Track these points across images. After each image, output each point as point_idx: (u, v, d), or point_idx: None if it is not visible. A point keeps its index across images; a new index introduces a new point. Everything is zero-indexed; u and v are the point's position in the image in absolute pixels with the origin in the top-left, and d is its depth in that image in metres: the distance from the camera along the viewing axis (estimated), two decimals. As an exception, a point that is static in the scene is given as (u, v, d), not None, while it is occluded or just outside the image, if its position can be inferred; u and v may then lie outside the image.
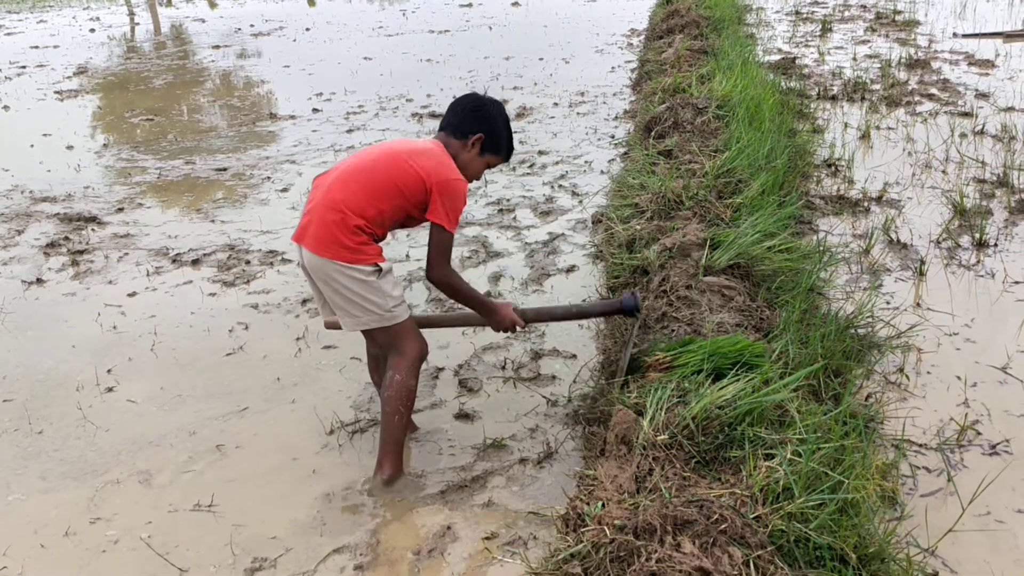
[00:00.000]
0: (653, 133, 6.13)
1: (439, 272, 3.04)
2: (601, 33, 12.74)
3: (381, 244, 3.09)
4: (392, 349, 3.13)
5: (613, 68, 10.28)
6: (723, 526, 2.34)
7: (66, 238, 5.65)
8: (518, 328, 3.27)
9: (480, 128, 3.10)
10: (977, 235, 4.90)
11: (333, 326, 3.36)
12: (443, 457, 3.32)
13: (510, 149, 3.23)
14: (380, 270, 2.99)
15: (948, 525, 2.74)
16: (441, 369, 3.92)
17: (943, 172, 5.99)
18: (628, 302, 3.41)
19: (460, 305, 3.41)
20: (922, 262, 4.63)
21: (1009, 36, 10.59)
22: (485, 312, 3.22)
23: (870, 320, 3.87)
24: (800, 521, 2.40)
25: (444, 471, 3.23)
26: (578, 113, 8.30)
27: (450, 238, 3.02)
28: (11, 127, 8.89)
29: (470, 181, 3.11)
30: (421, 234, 5.39)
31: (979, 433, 3.27)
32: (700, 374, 3.03)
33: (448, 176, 2.99)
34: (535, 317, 3.47)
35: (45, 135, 8.33)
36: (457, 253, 5.15)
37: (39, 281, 5.05)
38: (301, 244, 3.05)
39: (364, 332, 3.16)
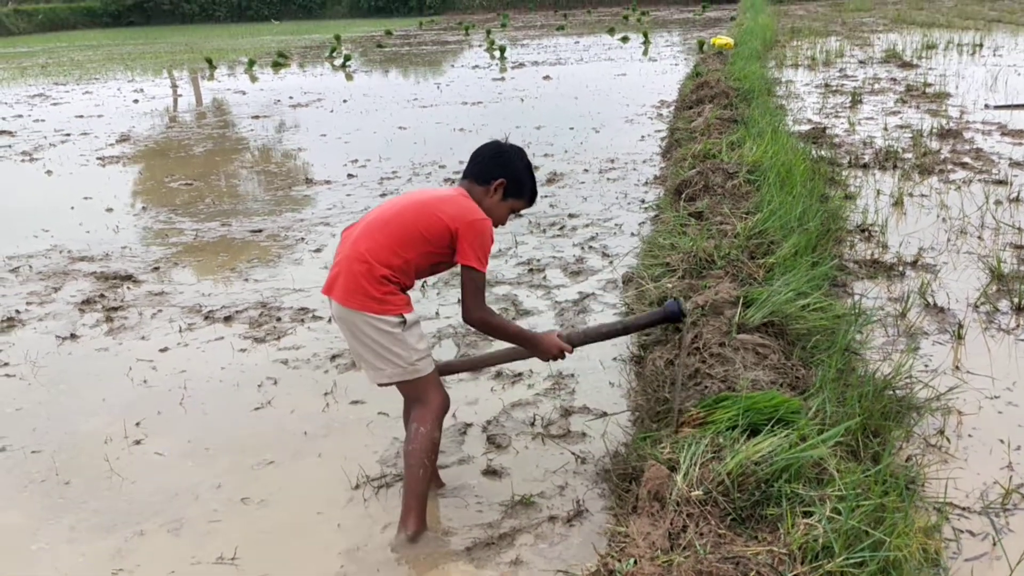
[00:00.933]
0: (684, 196, 6.14)
1: (476, 313, 3.03)
2: (631, 104, 12.91)
3: (410, 295, 3.09)
4: (416, 402, 3.11)
5: (643, 137, 10.38)
6: (760, 583, 2.26)
7: (101, 295, 5.73)
8: (567, 354, 3.22)
9: (501, 173, 3.13)
10: (1016, 300, 4.81)
11: None
12: (470, 513, 3.26)
13: (533, 193, 3.25)
14: (405, 321, 2.99)
15: (995, 590, 2.63)
16: (469, 425, 3.87)
17: (979, 238, 5.92)
18: (672, 308, 3.32)
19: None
20: (960, 326, 4.54)
21: (1042, 108, 10.58)
22: (529, 345, 3.20)
23: (908, 381, 3.79)
24: (840, 581, 2.31)
25: (471, 528, 3.17)
26: (608, 179, 8.36)
27: (482, 277, 3.02)
28: (53, 190, 9.11)
29: (495, 226, 3.12)
30: (451, 292, 5.40)
31: (1024, 497, 3.15)
32: (735, 430, 2.96)
33: (471, 217, 3.00)
34: (581, 340, 3.35)
35: (86, 198, 8.52)
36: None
37: (73, 336, 5.10)
38: (330, 296, 3.06)
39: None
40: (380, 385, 3.16)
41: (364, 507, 3.32)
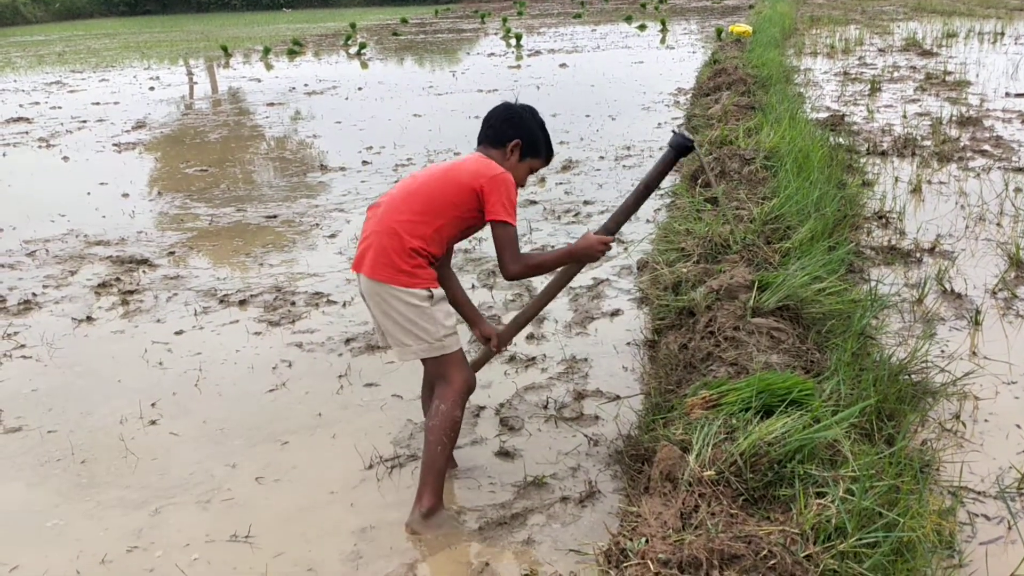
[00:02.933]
0: (699, 181, 6.11)
1: (515, 267, 3.03)
2: (648, 92, 12.84)
3: (436, 270, 3.08)
4: (440, 379, 3.11)
5: (659, 124, 10.33)
6: (772, 563, 2.25)
7: (117, 279, 5.76)
8: (611, 245, 3.21)
9: (516, 134, 3.12)
10: (1035, 286, 4.77)
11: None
12: (482, 494, 3.26)
13: (549, 150, 3.23)
14: (432, 296, 2.99)
15: (1008, 573, 2.60)
16: (482, 408, 3.87)
17: (998, 225, 5.87)
18: (677, 141, 3.17)
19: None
20: (977, 311, 4.51)
21: (1063, 95, 10.45)
22: (574, 258, 3.18)
23: (924, 366, 3.76)
24: (853, 561, 2.30)
25: (483, 508, 3.17)
26: (624, 166, 8.33)
27: (513, 231, 3.01)
28: (69, 176, 9.16)
29: (516, 187, 3.12)
30: (464, 278, 5.39)
31: (1041, 481, 3.13)
32: (748, 411, 2.95)
33: (492, 172, 3.00)
34: (616, 224, 3.25)
35: (102, 184, 8.57)
36: (501, 296, 5.15)
37: (89, 319, 5.13)
38: (359, 271, 3.07)
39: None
40: (405, 360, 3.16)
41: (377, 487, 3.33)
